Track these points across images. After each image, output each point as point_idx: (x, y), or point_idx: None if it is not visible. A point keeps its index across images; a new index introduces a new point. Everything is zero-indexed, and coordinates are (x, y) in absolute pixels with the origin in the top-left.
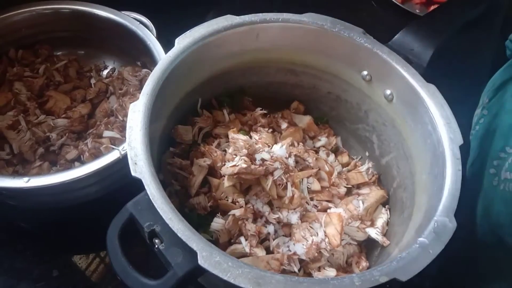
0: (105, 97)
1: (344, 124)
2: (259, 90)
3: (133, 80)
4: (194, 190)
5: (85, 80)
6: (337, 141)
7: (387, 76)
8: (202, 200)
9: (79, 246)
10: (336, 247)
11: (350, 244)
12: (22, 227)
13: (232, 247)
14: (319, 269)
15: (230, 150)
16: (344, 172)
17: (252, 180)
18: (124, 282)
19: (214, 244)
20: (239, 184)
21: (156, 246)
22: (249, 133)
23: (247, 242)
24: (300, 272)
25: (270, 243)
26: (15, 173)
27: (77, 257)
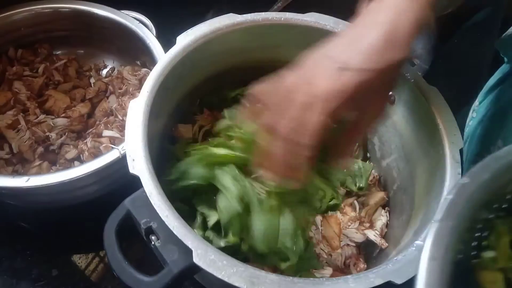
0: (105, 97)
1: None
2: None
3: (133, 80)
4: None
5: (85, 80)
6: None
7: None
8: None
9: (79, 246)
10: (336, 250)
11: (349, 246)
12: (22, 227)
13: None
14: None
15: None
16: None
17: None
18: (120, 277)
19: None
20: None
21: (153, 243)
22: None
23: None
24: None
25: None
26: (15, 173)
27: (77, 257)
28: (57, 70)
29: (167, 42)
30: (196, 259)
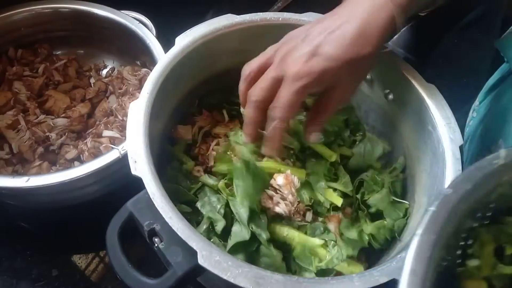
0: (105, 97)
1: None
2: None
3: (133, 80)
4: None
5: (85, 80)
6: None
7: (387, 76)
8: None
9: (79, 246)
10: None
11: None
12: (22, 227)
13: None
14: None
15: None
16: None
17: None
18: (123, 281)
19: None
20: None
21: (156, 245)
22: None
23: None
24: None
25: None
26: (15, 173)
27: (77, 257)
28: (57, 70)
29: (167, 42)
30: (201, 261)
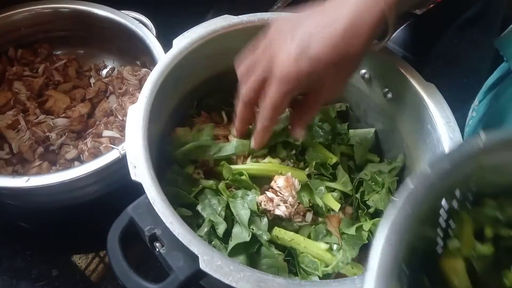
0: (105, 97)
1: None
2: None
3: (133, 80)
4: None
5: (85, 80)
6: None
7: (386, 75)
8: None
9: (79, 246)
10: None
11: None
12: (22, 227)
13: None
14: None
15: None
16: None
17: None
18: (125, 286)
19: None
20: None
21: (157, 250)
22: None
23: None
24: None
25: None
26: (15, 173)
27: (77, 257)
28: (57, 70)
29: (167, 42)
30: (203, 265)
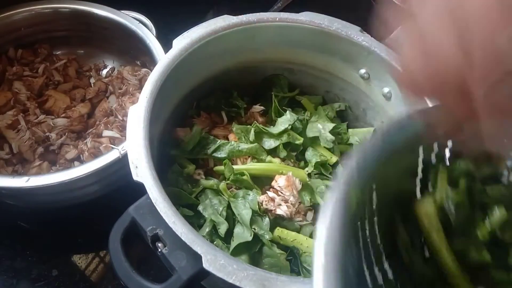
0: (105, 97)
1: None
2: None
3: (133, 80)
4: None
5: (85, 80)
6: None
7: (385, 74)
8: None
9: (79, 246)
10: None
11: None
12: (21, 227)
13: None
14: None
15: None
16: None
17: None
18: (127, 287)
19: None
20: None
21: (160, 250)
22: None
23: None
24: None
25: None
26: (15, 173)
27: (77, 257)
28: (57, 70)
29: (167, 42)
30: (206, 265)
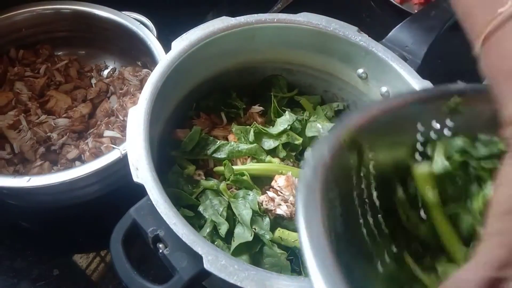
0: (106, 97)
1: None
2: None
3: (134, 80)
4: None
5: (86, 80)
6: None
7: (383, 74)
8: None
9: (80, 245)
10: None
11: None
12: (22, 226)
13: None
14: None
15: None
16: None
17: None
18: None
19: None
20: None
21: (161, 251)
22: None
23: None
24: None
25: None
26: (16, 173)
27: (78, 256)
28: (59, 71)
29: (168, 43)
30: (207, 265)
